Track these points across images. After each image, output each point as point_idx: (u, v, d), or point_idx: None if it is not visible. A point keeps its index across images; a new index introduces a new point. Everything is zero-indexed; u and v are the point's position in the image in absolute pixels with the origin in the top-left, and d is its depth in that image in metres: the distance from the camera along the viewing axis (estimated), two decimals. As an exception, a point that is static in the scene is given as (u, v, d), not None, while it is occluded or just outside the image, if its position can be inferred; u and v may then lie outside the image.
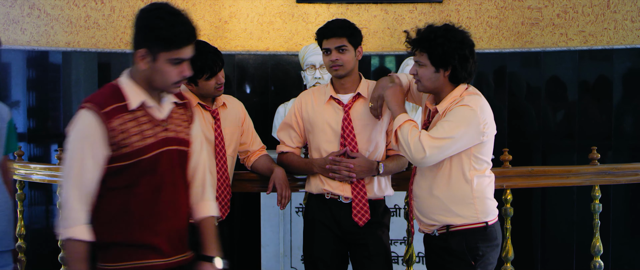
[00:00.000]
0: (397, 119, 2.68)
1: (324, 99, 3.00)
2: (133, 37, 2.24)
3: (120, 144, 2.16)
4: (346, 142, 2.93)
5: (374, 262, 2.95)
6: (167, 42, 2.17)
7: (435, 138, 2.57)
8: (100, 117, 2.15)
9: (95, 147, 2.14)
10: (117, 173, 2.18)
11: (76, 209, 2.14)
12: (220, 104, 3.05)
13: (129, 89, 2.23)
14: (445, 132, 2.57)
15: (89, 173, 2.15)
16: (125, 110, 2.19)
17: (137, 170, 2.19)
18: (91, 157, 2.14)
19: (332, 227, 2.97)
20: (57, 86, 4.87)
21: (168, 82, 2.22)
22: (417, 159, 2.59)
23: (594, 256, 3.45)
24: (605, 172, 3.41)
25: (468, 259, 2.68)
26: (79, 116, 2.18)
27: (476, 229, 2.68)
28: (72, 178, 2.15)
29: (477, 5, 4.91)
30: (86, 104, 2.17)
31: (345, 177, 2.90)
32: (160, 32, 2.16)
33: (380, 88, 2.88)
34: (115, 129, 2.16)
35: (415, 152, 2.58)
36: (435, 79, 2.65)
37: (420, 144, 2.56)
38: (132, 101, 2.21)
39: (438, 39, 2.60)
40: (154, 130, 2.23)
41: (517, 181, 3.30)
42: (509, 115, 4.86)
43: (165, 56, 2.18)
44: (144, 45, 2.19)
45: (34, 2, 4.80)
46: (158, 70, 2.20)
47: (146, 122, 2.22)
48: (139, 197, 2.20)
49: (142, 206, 2.20)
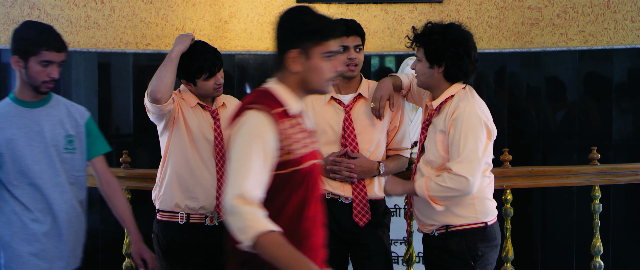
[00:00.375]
0: (417, 188, 2.66)
1: (324, 100, 2.99)
2: (279, 41, 2.15)
3: (285, 149, 2.03)
4: (347, 142, 2.92)
5: (374, 262, 2.95)
6: (319, 35, 2.09)
7: (460, 162, 2.56)
8: (272, 117, 2.02)
9: (266, 148, 2.00)
10: (275, 182, 2.03)
11: (251, 209, 1.95)
12: (220, 104, 3.04)
13: (284, 94, 2.11)
14: (463, 148, 2.57)
15: (256, 175, 1.97)
16: (287, 115, 2.08)
17: (291, 181, 2.05)
18: (262, 159, 1.99)
19: (333, 228, 2.96)
20: (57, 86, 4.85)
21: (323, 78, 2.11)
22: (468, 189, 2.57)
23: (594, 256, 3.45)
24: (605, 172, 3.41)
25: (467, 259, 2.68)
26: (247, 117, 2.04)
27: (475, 229, 2.68)
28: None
29: (477, 5, 4.90)
30: (253, 106, 2.05)
31: (345, 178, 2.90)
32: (310, 26, 2.10)
33: (382, 89, 2.89)
34: (283, 132, 2.04)
35: (461, 187, 2.57)
36: (429, 75, 2.70)
37: (456, 178, 2.56)
38: (292, 106, 2.10)
39: (434, 35, 2.66)
40: (308, 140, 2.12)
41: (517, 181, 3.31)
42: (508, 116, 4.85)
43: (318, 51, 2.09)
44: (294, 46, 2.10)
45: (34, 2, 4.80)
46: (313, 68, 2.10)
47: (302, 131, 2.12)
48: (287, 212, 2.05)
49: (289, 222, 2.03)
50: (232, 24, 4.93)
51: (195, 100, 2.98)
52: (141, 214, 4.70)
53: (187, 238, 2.94)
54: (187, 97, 2.98)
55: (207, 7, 4.90)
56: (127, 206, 2.90)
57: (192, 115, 2.97)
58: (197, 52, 2.93)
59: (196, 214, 2.96)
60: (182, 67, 2.91)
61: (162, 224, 2.99)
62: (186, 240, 2.95)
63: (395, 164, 3.02)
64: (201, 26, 4.88)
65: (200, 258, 2.98)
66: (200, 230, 2.96)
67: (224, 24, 4.92)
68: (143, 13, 4.86)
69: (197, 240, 2.95)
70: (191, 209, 2.95)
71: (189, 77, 2.94)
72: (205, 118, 2.98)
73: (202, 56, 2.91)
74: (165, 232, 2.97)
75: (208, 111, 3.00)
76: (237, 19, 4.93)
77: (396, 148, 3.04)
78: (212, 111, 3.00)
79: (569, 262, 4.83)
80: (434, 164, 2.71)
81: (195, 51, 2.92)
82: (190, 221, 2.95)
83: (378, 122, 2.96)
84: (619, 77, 4.83)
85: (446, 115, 2.67)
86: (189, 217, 2.95)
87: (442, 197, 2.61)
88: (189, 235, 2.95)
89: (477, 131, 2.59)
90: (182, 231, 2.95)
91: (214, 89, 2.96)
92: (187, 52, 2.91)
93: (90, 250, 4.87)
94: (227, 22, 4.93)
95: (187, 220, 2.95)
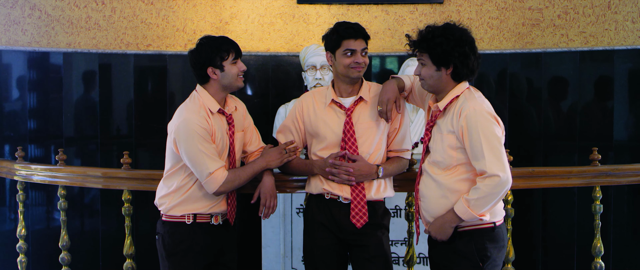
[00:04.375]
0: (462, 215, 2.65)
1: (325, 103, 2.99)
2: None
3: None
4: (347, 145, 2.92)
5: (373, 263, 2.94)
6: None
7: (487, 161, 2.59)
8: None
9: None
10: None
11: None
12: (233, 109, 3.01)
13: None
14: (484, 147, 2.59)
15: None
16: None
17: None
18: None
19: (332, 228, 2.96)
20: (58, 87, 4.88)
21: None
22: (505, 185, 2.61)
23: (595, 257, 3.45)
24: (606, 173, 3.41)
25: (476, 259, 2.67)
26: None
27: (484, 230, 2.68)
28: None
29: (478, 6, 4.90)
30: None
31: (344, 181, 2.90)
32: None
33: (389, 92, 2.88)
34: None
35: (498, 186, 2.59)
36: (437, 78, 2.69)
37: (489, 180, 2.59)
38: None
39: (436, 38, 2.64)
40: None
41: (518, 182, 3.30)
42: (509, 116, 4.85)
43: None
44: None
45: (34, 3, 4.80)
46: None
47: None
48: None
49: None
50: (233, 25, 4.93)
51: (216, 105, 2.93)
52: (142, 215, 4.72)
53: (194, 238, 2.94)
54: (208, 103, 2.93)
55: (208, 8, 4.90)
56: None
57: (217, 126, 2.92)
58: (220, 38, 2.94)
59: (203, 214, 2.95)
60: (209, 51, 2.88)
61: (168, 225, 2.97)
62: (193, 240, 2.94)
63: (394, 166, 3.01)
64: (202, 27, 4.88)
65: (207, 258, 2.97)
66: (206, 229, 2.96)
67: (225, 25, 4.92)
68: (144, 14, 4.86)
69: (203, 240, 2.95)
70: (200, 212, 2.95)
71: (218, 60, 2.88)
72: (223, 125, 2.96)
73: (227, 40, 2.92)
74: (173, 233, 2.96)
75: (225, 116, 2.97)
76: (238, 20, 4.93)
77: (397, 150, 3.03)
78: (228, 116, 2.98)
79: (569, 263, 4.83)
80: (441, 164, 2.71)
81: (217, 38, 2.94)
82: (196, 221, 2.95)
83: (378, 126, 2.95)
84: (619, 77, 4.83)
85: (453, 116, 2.67)
86: (195, 217, 2.94)
87: (489, 206, 2.63)
88: (196, 235, 2.94)
89: (491, 128, 2.61)
90: (189, 232, 2.94)
91: (237, 76, 2.93)
92: (212, 39, 2.93)
93: (90, 250, 4.91)
94: (227, 23, 4.93)
95: (194, 220, 2.94)
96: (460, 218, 2.64)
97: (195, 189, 2.92)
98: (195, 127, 2.83)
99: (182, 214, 2.94)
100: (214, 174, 2.84)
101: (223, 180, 2.86)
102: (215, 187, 2.86)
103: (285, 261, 4.15)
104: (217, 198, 2.95)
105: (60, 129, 4.88)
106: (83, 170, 3.80)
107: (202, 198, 2.93)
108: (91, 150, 4.93)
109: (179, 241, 2.95)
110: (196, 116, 2.86)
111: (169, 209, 2.95)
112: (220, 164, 2.87)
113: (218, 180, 2.85)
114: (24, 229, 3.75)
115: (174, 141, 2.89)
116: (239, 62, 2.93)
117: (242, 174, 2.93)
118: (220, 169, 2.86)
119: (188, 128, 2.84)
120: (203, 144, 2.83)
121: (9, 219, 4.93)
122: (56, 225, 4.27)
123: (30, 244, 3.82)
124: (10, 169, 3.73)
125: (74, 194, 4.80)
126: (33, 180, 3.78)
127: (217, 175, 2.85)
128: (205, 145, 2.84)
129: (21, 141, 4.84)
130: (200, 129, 2.84)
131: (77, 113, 4.92)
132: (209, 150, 2.85)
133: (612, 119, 4.82)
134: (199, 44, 2.93)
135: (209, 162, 2.84)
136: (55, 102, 4.89)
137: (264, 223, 4.16)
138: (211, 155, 2.84)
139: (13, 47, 4.82)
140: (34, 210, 4.91)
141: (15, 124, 4.92)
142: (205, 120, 2.87)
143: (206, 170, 2.84)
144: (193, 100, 2.95)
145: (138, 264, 3.46)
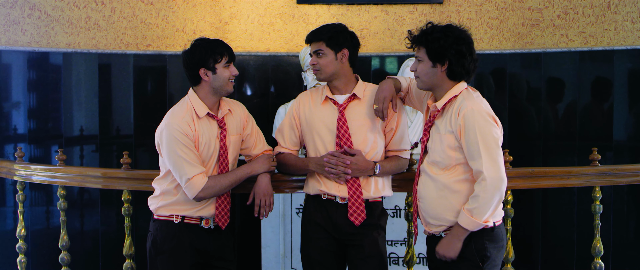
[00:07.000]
0: (466, 226, 2.65)
1: (320, 100, 3.01)
2: None
3: None
4: (341, 142, 2.94)
5: (368, 263, 2.95)
6: None
7: (483, 162, 2.59)
8: None
9: None
10: None
11: None
12: (226, 112, 3.00)
13: None
14: (481, 148, 2.60)
15: None
16: None
17: None
18: None
19: (329, 229, 2.97)
20: (58, 87, 4.88)
21: None
22: (502, 186, 2.63)
23: (595, 257, 3.45)
24: (606, 173, 3.41)
25: (476, 260, 2.68)
26: None
27: (484, 230, 2.68)
28: None
29: (478, 6, 4.91)
30: None
31: (340, 173, 2.90)
32: None
33: (385, 90, 2.90)
34: None
35: (495, 188, 2.61)
36: (432, 74, 2.71)
37: (485, 183, 2.59)
38: None
39: (435, 33, 2.68)
40: None
41: (518, 182, 3.30)
42: (509, 116, 4.86)
43: None
44: None
45: (34, 3, 4.80)
46: None
47: None
48: None
49: None
50: (233, 25, 4.93)
51: (205, 109, 2.93)
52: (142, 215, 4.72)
53: (181, 237, 2.94)
54: (197, 107, 2.93)
55: (208, 8, 4.90)
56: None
57: (203, 131, 2.92)
58: (215, 41, 2.94)
59: (191, 217, 2.95)
60: (203, 52, 2.88)
61: (157, 223, 2.99)
62: (180, 239, 2.94)
63: (392, 164, 3.02)
64: (201, 27, 4.89)
65: (194, 258, 2.97)
66: (194, 231, 2.96)
67: (225, 25, 4.92)
68: (143, 14, 4.86)
69: (190, 239, 2.95)
70: (187, 215, 2.95)
71: (210, 62, 2.88)
72: (212, 129, 2.95)
73: (221, 43, 2.92)
74: (161, 230, 2.97)
75: (215, 120, 2.97)
76: (238, 20, 4.93)
77: (395, 149, 3.05)
78: (219, 120, 2.98)
79: (569, 263, 4.83)
80: (440, 164, 2.72)
81: (212, 41, 2.94)
82: (184, 222, 2.95)
83: (373, 123, 2.97)
84: (619, 77, 4.83)
85: (451, 116, 2.67)
86: (183, 218, 2.95)
87: (491, 210, 2.63)
88: (183, 234, 2.94)
89: (489, 128, 2.62)
90: (176, 230, 2.94)
91: (228, 80, 2.93)
92: (206, 41, 2.93)
93: (90, 250, 4.91)
94: (227, 23, 4.93)
95: (182, 221, 2.95)
96: (466, 230, 2.65)
97: (183, 192, 2.92)
98: (175, 133, 2.85)
99: (170, 214, 2.95)
100: (193, 180, 2.84)
101: (202, 186, 2.86)
102: (195, 193, 2.86)
103: (284, 261, 4.16)
104: (203, 202, 2.95)
105: (60, 129, 4.88)
106: (83, 170, 3.80)
107: (189, 201, 2.93)
108: (91, 150, 4.93)
109: (166, 239, 2.95)
110: (178, 121, 2.87)
111: (158, 208, 2.97)
112: (200, 170, 2.86)
113: (196, 187, 2.85)
114: (23, 229, 3.74)
115: (158, 145, 2.93)
116: (231, 67, 2.93)
117: (223, 181, 2.92)
118: (200, 175, 2.85)
119: (169, 133, 2.86)
120: (183, 149, 2.84)
121: (10, 219, 4.93)
122: (56, 225, 4.26)
123: (30, 244, 3.82)
124: (10, 169, 3.73)
125: (73, 194, 4.80)
126: (33, 181, 3.77)
127: (195, 181, 2.85)
128: (185, 150, 2.84)
129: (21, 141, 4.84)
130: (180, 134, 2.84)
131: (76, 113, 4.92)
132: (189, 155, 2.85)
133: (612, 119, 4.83)
134: (193, 44, 2.94)
135: (188, 168, 2.84)
136: (55, 102, 4.89)
137: (263, 223, 4.16)
138: (191, 161, 2.85)
139: (13, 47, 4.82)
140: (34, 211, 4.91)
141: (15, 124, 4.92)
142: (188, 125, 2.87)
143: (185, 176, 2.85)
144: (181, 104, 2.96)
145: (138, 264, 3.46)
